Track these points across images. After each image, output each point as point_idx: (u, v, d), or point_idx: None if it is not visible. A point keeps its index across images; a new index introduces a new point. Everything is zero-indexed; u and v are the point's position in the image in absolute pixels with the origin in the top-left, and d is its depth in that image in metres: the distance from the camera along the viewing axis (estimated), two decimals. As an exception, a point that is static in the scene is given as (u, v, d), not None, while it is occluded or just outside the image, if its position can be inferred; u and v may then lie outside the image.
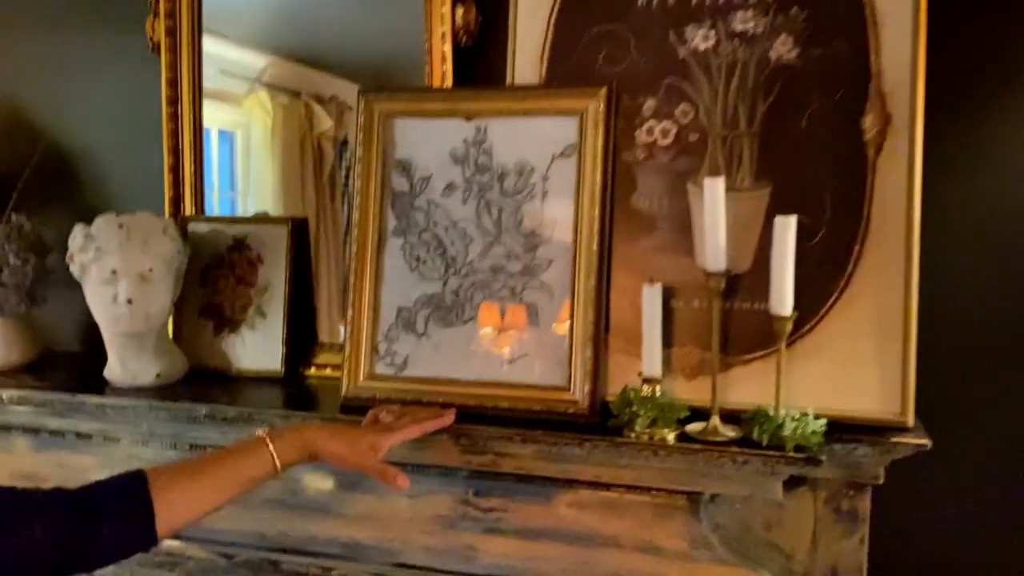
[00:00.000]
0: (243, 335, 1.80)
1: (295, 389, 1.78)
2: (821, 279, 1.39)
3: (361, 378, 1.57)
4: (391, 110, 1.60)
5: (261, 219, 1.93)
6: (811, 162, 1.39)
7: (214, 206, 1.98)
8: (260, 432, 1.33)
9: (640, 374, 1.40)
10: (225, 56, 1.91)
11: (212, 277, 1.83)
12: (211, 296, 1.82)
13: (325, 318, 1.84)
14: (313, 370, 1.85)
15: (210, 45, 1.83)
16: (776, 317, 1.34)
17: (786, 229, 1.33)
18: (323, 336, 1.82)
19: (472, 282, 1.55)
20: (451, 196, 1.56)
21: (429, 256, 1.57)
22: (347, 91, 1.57)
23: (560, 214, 1.50)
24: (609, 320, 1.49)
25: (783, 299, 1.33)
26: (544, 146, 1.49)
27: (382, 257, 1.59)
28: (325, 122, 1.80)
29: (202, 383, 1.73)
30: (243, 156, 2.01)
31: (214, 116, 1.98)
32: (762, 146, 1.42)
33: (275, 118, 1.81)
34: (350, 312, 1.58)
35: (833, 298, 1.40)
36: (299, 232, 1.87)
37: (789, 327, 1.33)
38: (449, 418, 1.44)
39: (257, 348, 1.78)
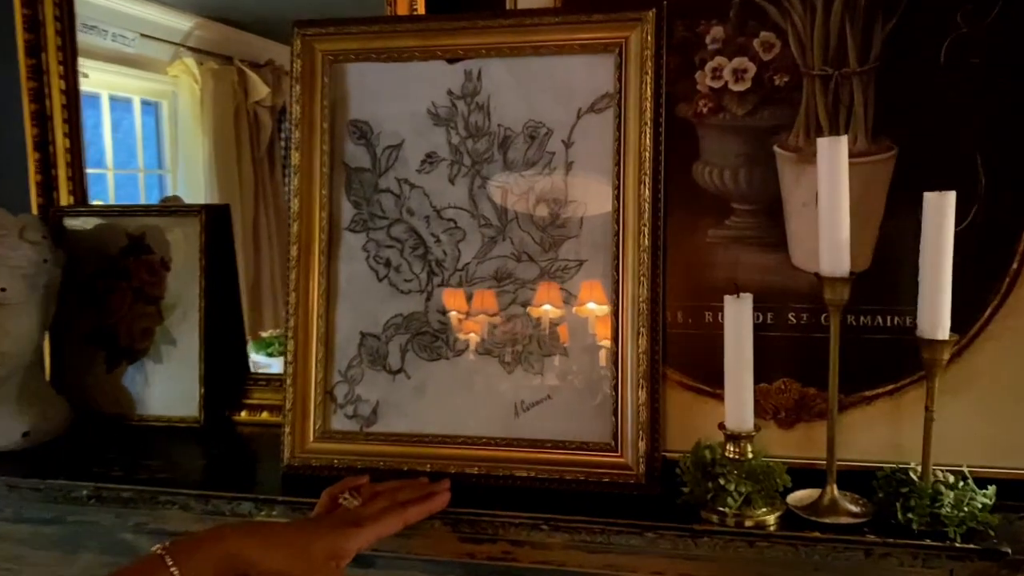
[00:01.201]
0: (147, 370, 1.35)
1: (220, 445, 1.32)
2: (975, 279, 0.98)
3: (310, 438, 1.12)
4: (341, 50, 1.14)
5: (165, 209, 1.45)
6: (954, 111, 1.02)
7: (140, 190, 1.56)
8: (157, 549, 0.87)
9: (722, 426, 0.97)
10: (145, 18, 1.61)
11: (101, 292, 1.38)
12: (101, 318, 1.40)
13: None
14: (245, 414, 1.39)
15: (128, 6, 1.58)
16: (927, 342, 0.92)
17: (941, 211, 0.92)
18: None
19: (468, 295, 1.10)
20: (433, 172, 1.11)
21: (404, 259, 1.12)
22: (285, 55, 1.22)
23: (592, 195, 1.06)
24: (666, 346, 1.06)
25: (938, 315, 0.92)
26: (566, 98, 1.08)
27: (335, 262, 1.13)
28: (261, 89, 1.56)
29: (92, 440, 1.33)
30: (171, 129, 1.68)
31: (135, 85, 1.73)
32: (881, 91, 1.00)
33: (204, 86, 1.57)
34: (291, 344, 1.12)
35: (992, 306, 1.01)
36: (218, 225, 1.39)
37: (947, 356, 0.92)
38: (443, 497, 1.01)
39: (166, 387, 1.37)
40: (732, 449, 0.97)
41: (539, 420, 1.08)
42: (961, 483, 0.94)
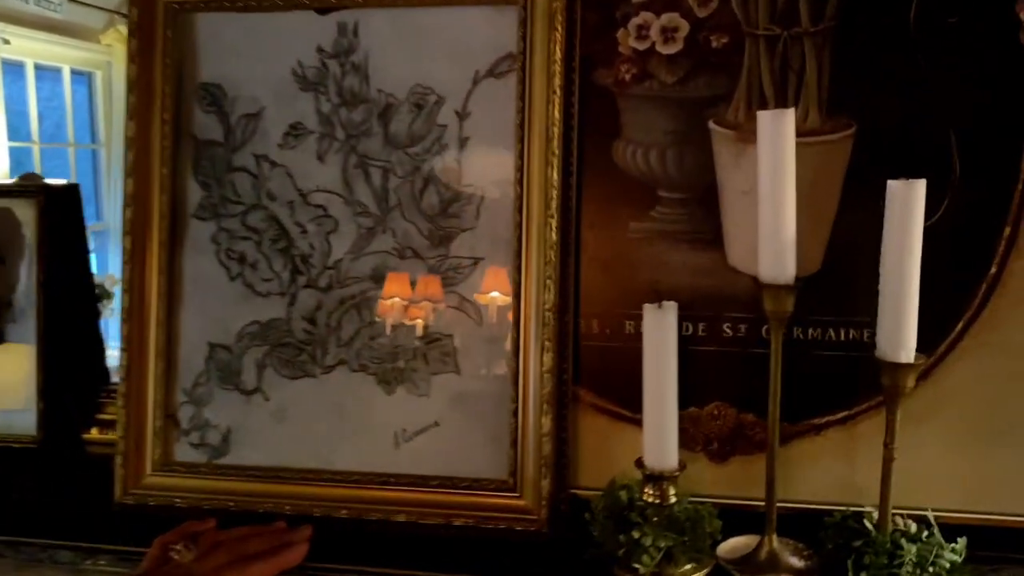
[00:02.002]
0: (-27, 380, 1.12)
1: (62, 470, 1.11)
2: (945, 285, 0.82)
3: (147, 470, 0.92)
4: (187, -3, 0.93)
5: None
6: (925, 82, 0.86)
7: (71, 165, 1.34)
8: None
9: (640, 463, 0.80)
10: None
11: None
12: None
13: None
14: (96, 432, 1.17)
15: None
16: (888, 365, 0.76)
17: (908, 204, 0.75)
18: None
19: (339, 299, 0.91)
20: (298, 148, 0.92)
21: (262, 254, 0.92)
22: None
23: (491, 179, 0.88)
24: (579, 363, 0.88)
25: (901, 332, 0.76)
26: (461, 59, 0.90)
27: (178, 257, 0.93)
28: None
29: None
30: (104, 101, 1.49)
31: (65, 53, 1.49)
32: (839, 56, 0.83)
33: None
34: (124, 356, 0.92)
35: (966, 318, 0.85)
36: (64, 209, 1.17)
37: (911, 383, 0.75)
38: (299, 549, 0.82)
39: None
40: (651, 492, 0.80)
41: (424, 452, 0.90)
42: (926, 533, 0.79)
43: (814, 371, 0.88)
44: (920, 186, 0.74)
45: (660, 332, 0.79)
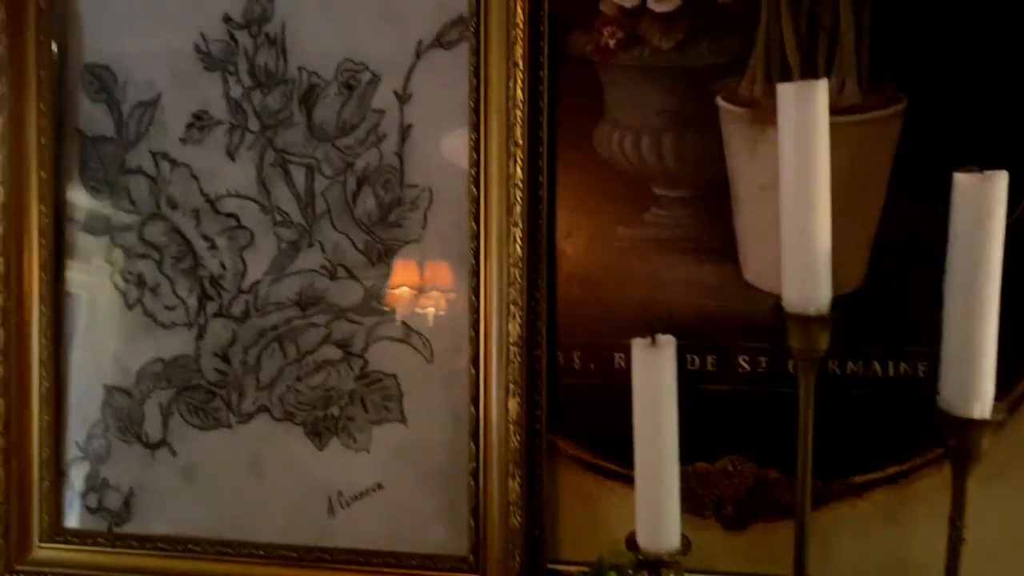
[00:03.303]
0: None
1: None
2: (1014, 307, 0.64)
3: (35, 540, 0.77)
4: (63, -43, 0.76)
5: None
6: (997, 40, 0.68)
7: None
8: None
9: (631, 542, 0.63)
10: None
11: None
12: None
13: None
14: None
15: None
16: (954, 421, 0.58)
17: (982, 202, 0.58)
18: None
19: (258, 331, 0.75)
20: (204, 143, 0.76)
21: (164, 275, 0.76)
22: None
23: (440, 176, 0.71)
24: (558, 407, 0.72)
25: (973, 377, 0.58)
26: (399, 26, 0.75)
27: (63, 282, 0.77)
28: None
29: None
30: None
31: None
32: (882, 10, 0.64)
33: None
34: (2, 404, 0.77)
35: (1051, 350, 0.66)
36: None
37: (986, 443, 0.58)
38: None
39: None
40: (646, 581, 0.63)
41: (364, 521, 0.75)
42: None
43: (855, 416, 0.71)
44: (1000, 180, 0.57)
45: (654, 376, 0.63)
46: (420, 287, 0.74)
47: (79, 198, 0.79)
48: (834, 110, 0.68)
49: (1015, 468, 0.70)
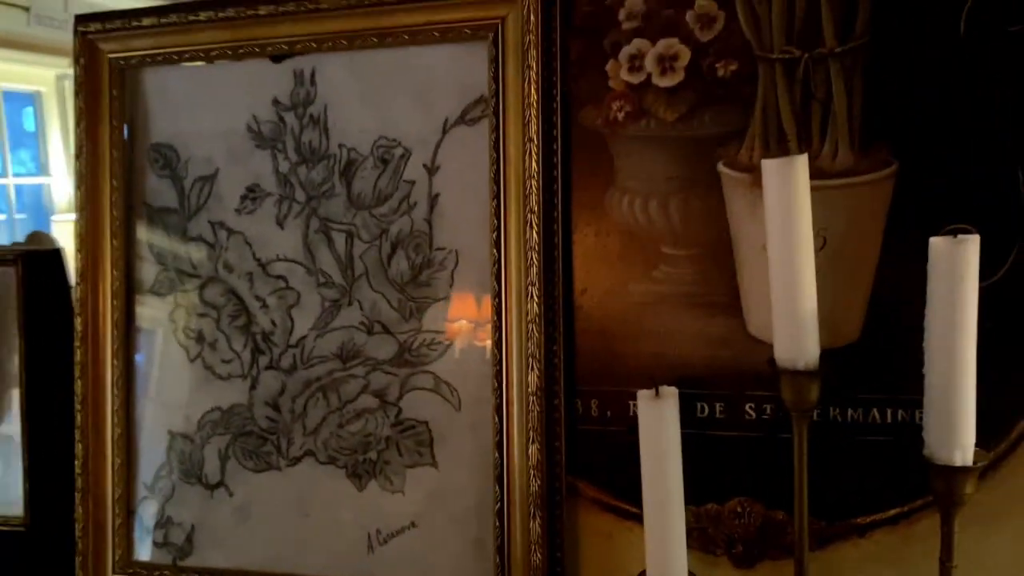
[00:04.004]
0: (-43, 460, 1.08)
1: (46, 558, 1.06)
2: (1010, 357, 0.67)
3: (109, 572, 0.85)
4: (133, 52, 0.86)
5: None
6: (982, 106, 0.72)
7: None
8: None
9: (643, 580, 0.69)
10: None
11: None
12: None
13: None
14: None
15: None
16: (938, 469, 0.62)
17: (957, 266, 0.62)
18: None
19: (304, 381, 0.83)
20: (256, 213, 0.84)
21: (221, 332, 0.85)
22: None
23: (466, 240, 0.78)
24: (577, 451, 0.78)
25: (955, 428, 0.62)
26: (428, 105, 0.81)
27: (133, 338, 0.86)
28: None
29: None
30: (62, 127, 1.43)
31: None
32: (873, 79, 0.70)
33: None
34: (79, 447, 0.86)
35: (1041, 398, 0.69)
36: (46, 276, 1.12)
37: (969, 489, 0.62)
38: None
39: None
40: (657, 617, 0.69)
41: (400, 557, 0.81)
42: (999, 669, 0.65)
43: (857, 460, 0.75)
44: (972, 244, 0.61)
45: (658, 427, 0.68)
46: (448, 341, 0.81)
47: (147, 264, 0.89)
48: (829, 174, 0.74)
49: (1006, 517, 0.72)
